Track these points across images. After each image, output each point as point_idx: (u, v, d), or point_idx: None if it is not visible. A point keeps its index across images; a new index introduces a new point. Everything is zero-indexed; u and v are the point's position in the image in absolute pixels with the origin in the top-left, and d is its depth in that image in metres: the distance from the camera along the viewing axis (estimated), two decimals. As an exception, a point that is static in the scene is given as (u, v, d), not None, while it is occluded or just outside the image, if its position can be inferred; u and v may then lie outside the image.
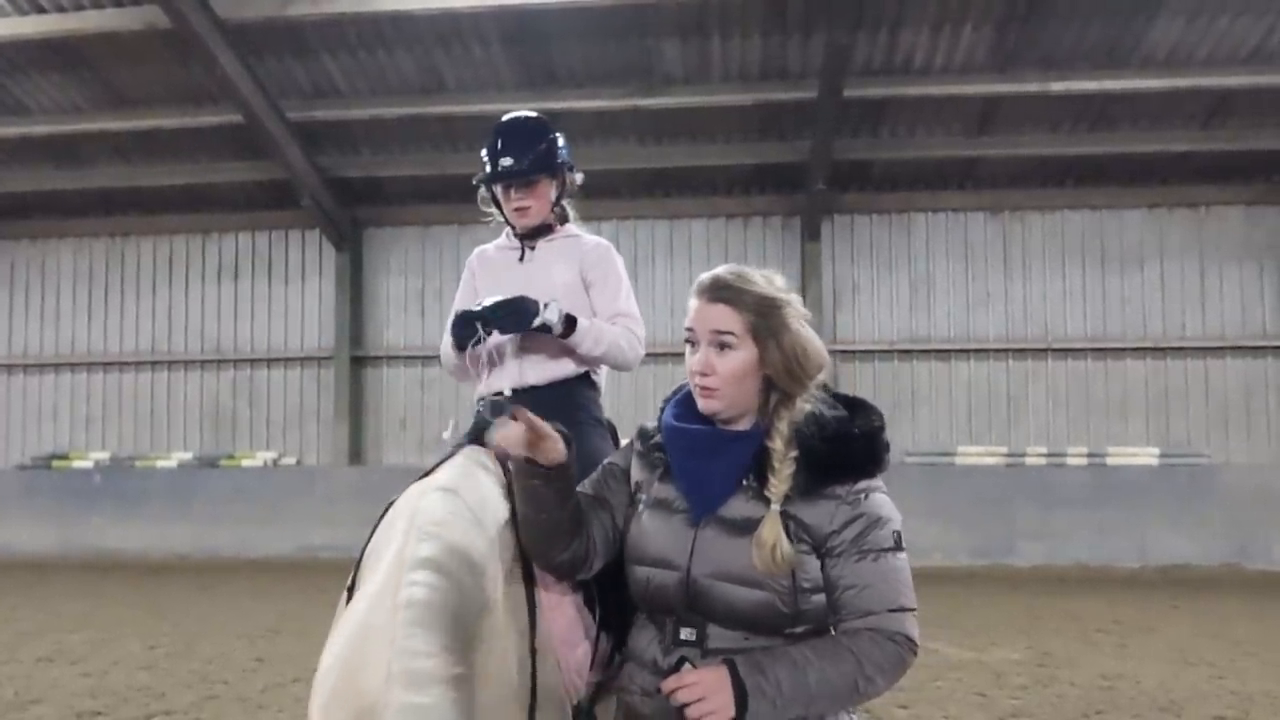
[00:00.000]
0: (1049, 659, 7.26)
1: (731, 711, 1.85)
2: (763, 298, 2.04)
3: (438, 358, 3.01)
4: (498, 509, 2.29)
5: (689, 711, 1.88)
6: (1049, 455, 13.38)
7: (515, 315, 2.75)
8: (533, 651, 2.18)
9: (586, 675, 2.40)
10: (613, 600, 2.46)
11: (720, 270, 2.10)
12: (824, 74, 11.61)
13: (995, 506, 12.59)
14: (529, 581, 2.26)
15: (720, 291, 2.05)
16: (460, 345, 2.86)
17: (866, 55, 11.90)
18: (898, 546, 1.97)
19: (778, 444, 1.99)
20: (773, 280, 2.10)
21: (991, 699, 6.09)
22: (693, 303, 2.08)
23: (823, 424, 2.00)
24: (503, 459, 2.40)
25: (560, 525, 2.17)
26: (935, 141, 13.23)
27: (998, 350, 14.03)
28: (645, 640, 2.11)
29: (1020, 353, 14.00)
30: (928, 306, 14.13)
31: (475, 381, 3.06)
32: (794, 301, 2.08)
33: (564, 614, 2.36)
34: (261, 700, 5.97)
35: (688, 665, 1.95)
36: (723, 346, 2.03)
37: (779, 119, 13.01)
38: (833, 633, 1.96)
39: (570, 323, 2.82)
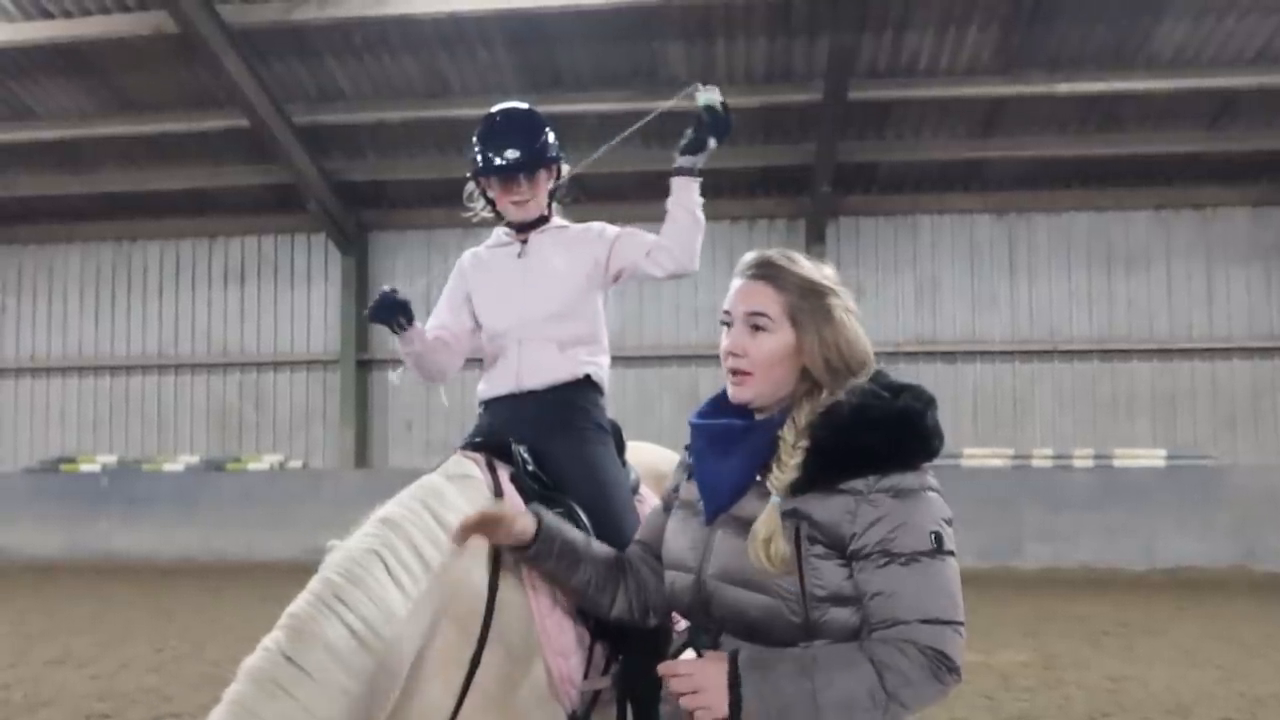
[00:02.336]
0: (1056, 661, 7.25)
1: (724, 711, 1.71)
2: (808, 281, 1.91)
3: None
4: (436, 547, 2.22)
5: (681, 702, 1.77)
6: (1055, 457, 13.35)
7: (718, 128, 2.94)
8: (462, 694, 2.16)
9: (579, 684, 2.39)
10: None
11: (769, 251, 1.98)
12: (829, 76, 11.61)
13: (1002, 508, 12.56)
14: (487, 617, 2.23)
15: (763, 269, 1.93)
16: (377, 319, 2.93)
17: (871, 57, 11.89)
18: (938, 550, 1.74)
19: (788, 434, 1.85)
20: (822, 268, 1.97)
21: (998, 701, 6.08)
22: (734, 282, 1.97)
23: (836, 412, 1.82)
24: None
25: (586, 588, 2.18)
26: (940, 143, 13.22)
27: (1004, 352, 14.00)
28: (677, 647, 2.05)
29: (1026, 354, 13.98)
30: (933, 308, 14.12)
31: (437, 372, 3.16)
32: (842, 292, 1.94)
33: (556, 623, 2.35)
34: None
35: (690, 652, 1.83)
36: (757, 328, 1.90)
37: (784, 121, 13.01)
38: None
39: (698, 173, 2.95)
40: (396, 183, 14.36)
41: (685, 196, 2.95)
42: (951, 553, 1.77)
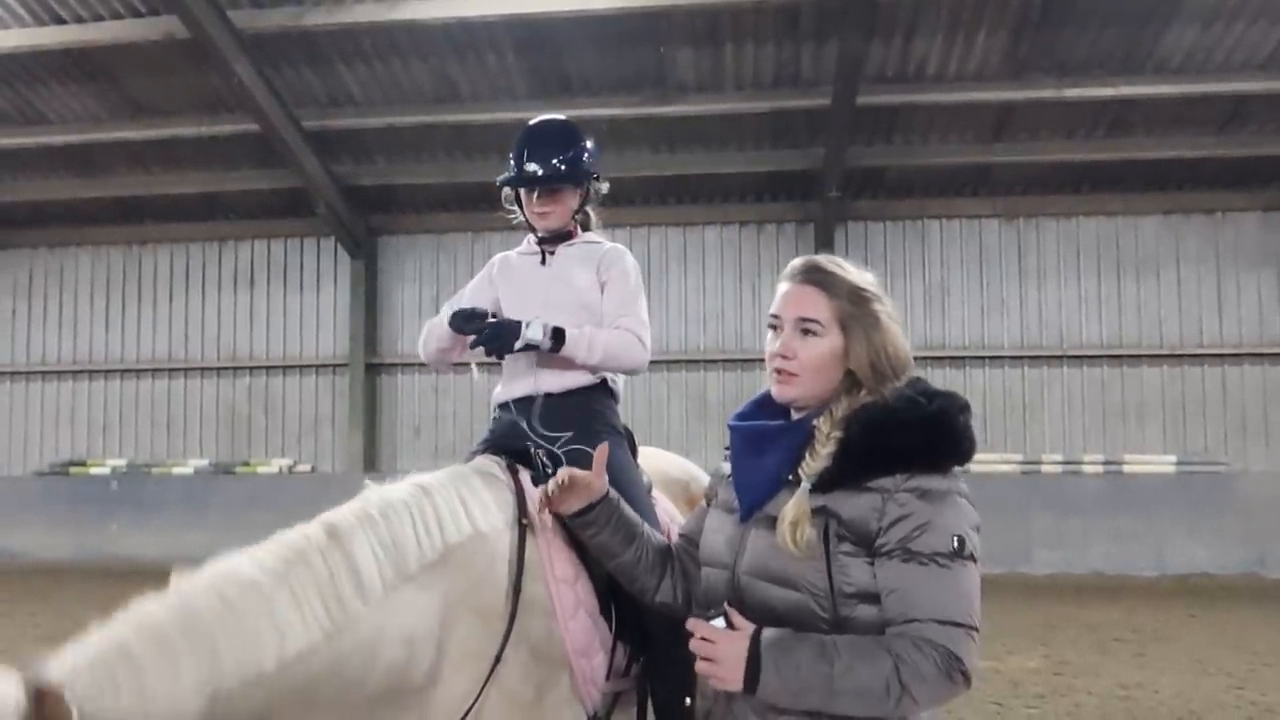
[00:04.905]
0: (1066, 668, 7.22)
1: (738, 686, 1.76)
2: (857, 288, 1.97)
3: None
4: (456, 526, 2.28)
5: (697, 666, 1.82)
6: (1065, 463, 13.31)
7: (497, 339, 2.76)
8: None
9: (602, 685, 2.39)
10: (631, 611, 2.47)
11: (816, 256, 2.05)
12: (837, 81, 11.60)
13: (1011, 514, 12.51)
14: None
15: (814, 275, 1.99)
16: (459, 330, 2.88)
17: (880, 62, 11.89)
18: (959, 554, 1.76)
19: (823, 424, 1.90)
20: (864, 274, 2.03)
21: (1008, 708, 6.06)
22: (781, 286, 2.02)
23: (870, 411, 1.87)
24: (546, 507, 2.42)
25: (636, 566, 2.21)
26: (949, 148, 13.20)
27: (1013, 357, 13.97)
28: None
29: (1035, 360, 13.94)
30: (942, 314, 14.09)
31: (454, 367, 3.19)
32: (885, 299, 2.00)
33: (579, 624, 2.36)
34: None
35: (721, 620, 1.82)
36: (807, 332, 1.95)
37: (792, 126, 13.00)
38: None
39: (559, 336, 2.78)
40: (406, 187, 14.39)
41: (579, 359, 2.84)
42: (974, 558, 1.79)
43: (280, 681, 1.83)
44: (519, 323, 2.78)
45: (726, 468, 2.11)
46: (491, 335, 2.77)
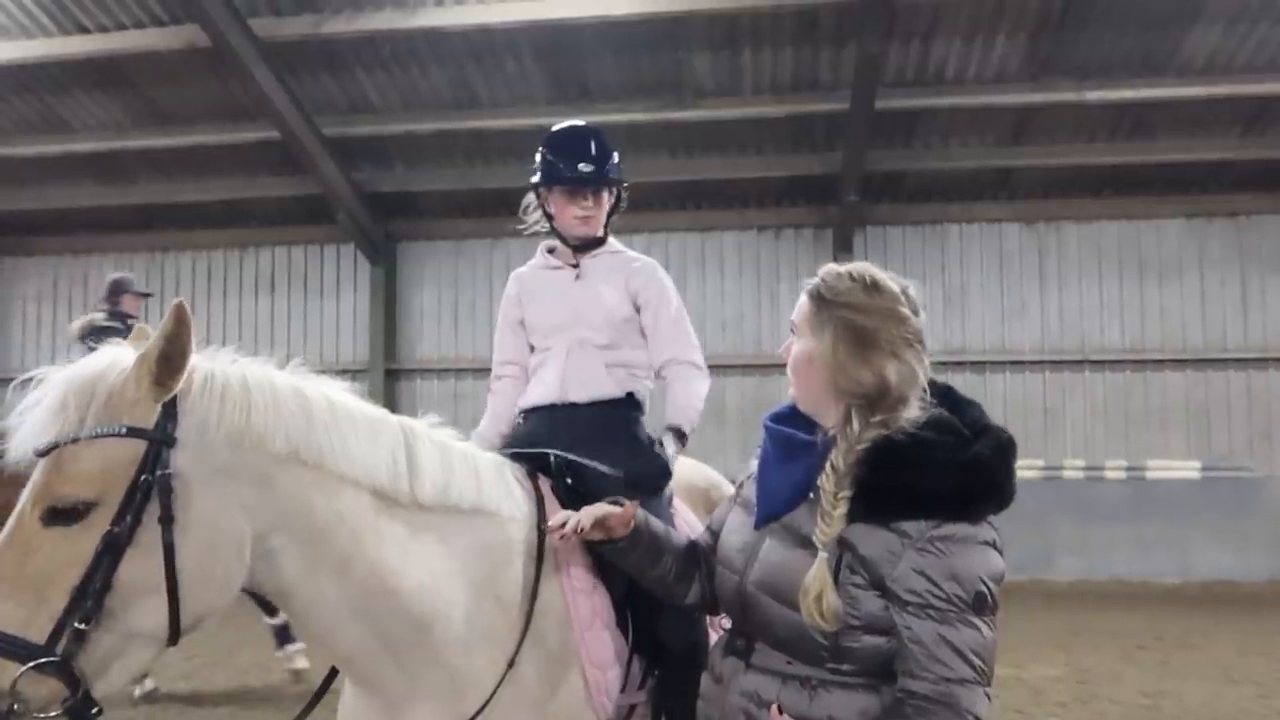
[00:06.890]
0: (1089, 676, 7.16)
1: None
2: (832, 292, 1.90)
3: (471, 370, 3.06)
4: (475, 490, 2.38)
5: None
6: (1087, 468, 13.20)
7: (651, 479, 2.77)
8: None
9: (616, 697, 2.38)
10: (647, 625, 2.46)
11: (835, 264, 2.00)
12: (856, 85, 11.58)
13: (1033, 520, 12.41)
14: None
15: (811, 282, 1.97)
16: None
17: (899, 66, 11.85)
18: (977, 610, 1.69)
19: (827, 483, 1.79)
20: (881, 287, 1.91)
21: (1030, 716, 6.01)
22: None
23: (889, 448, 1.76)
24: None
25: (666, 577, 2.21)
26: (969, 152, 13.14)
27: (1034, 362, 13.88)
28: (718, 643, 2.10)
29: (1057, 364, 13.84)
30: (962, 318, 14.01)
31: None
32: (875, 309, 1.86)
33: (595, 635, 2.35)
34: (298, 710, 6.01)
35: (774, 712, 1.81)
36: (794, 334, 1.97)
37: (811, 131, 12.98)
38: (897, 688, 1.74)
39: (681, 436, 2.98)
40: (425, 193, 14.46)
41: (690, 431, 3.08)
42: (994, 612, 1.73)
43: (351, 508, 2.06)
44: (663, 460, 2.84)
45: (754, 465, 2.09)
46: (637, 482, 2.66)
